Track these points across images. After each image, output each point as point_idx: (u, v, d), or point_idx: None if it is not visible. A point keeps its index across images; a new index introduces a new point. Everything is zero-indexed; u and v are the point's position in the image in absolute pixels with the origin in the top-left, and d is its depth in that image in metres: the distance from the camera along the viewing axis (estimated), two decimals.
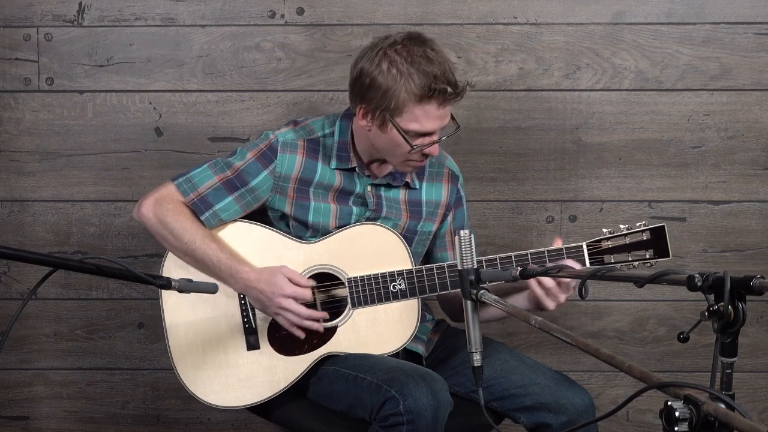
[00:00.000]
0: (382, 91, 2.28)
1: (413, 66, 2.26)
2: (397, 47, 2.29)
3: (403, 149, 2.34)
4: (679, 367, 3.10)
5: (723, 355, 1.31)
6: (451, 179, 2.58)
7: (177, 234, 2.39)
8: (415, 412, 2.18)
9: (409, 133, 2.31)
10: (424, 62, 2.26)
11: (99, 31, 2.97)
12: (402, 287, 2.41)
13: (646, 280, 1.44)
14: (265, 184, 2.43)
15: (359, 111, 2.35)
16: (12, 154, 3.02)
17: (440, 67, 2.26)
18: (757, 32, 2.96)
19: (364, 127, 2.37)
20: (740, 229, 3.05)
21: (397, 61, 2.27)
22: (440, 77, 2.26)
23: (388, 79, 2.27)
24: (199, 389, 2.44)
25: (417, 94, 2.26)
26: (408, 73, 2.26)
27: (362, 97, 2.33)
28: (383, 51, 2.30)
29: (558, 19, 2.96)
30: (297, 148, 2.44)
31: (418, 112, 2.29)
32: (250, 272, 2.37)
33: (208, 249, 2.38)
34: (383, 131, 2.33)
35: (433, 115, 2.30)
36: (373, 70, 2.30)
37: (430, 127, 2.31)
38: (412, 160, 2.37)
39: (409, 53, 2.28)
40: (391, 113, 2.29)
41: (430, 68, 2.26)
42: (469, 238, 1.79)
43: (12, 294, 3.08)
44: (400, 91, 2.27)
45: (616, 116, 3.00)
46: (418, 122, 2.30)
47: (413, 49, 2.28)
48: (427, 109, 2.28)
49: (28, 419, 3.15)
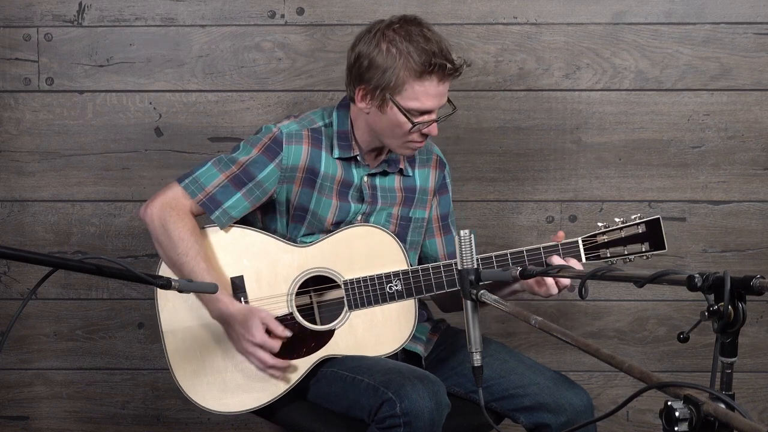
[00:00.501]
0: (382, 70, 2.31)
1: (412, 44, 2.29)
2: (394, 27, 2.33)
3: (403, 128, 2.34)
4: (679, 367, 3.10)
5: (723, 355, 1.31)
6: (438, 166, 2.59)
7: (173, 243, 2.37)
8: (412, 414, 2.18)
9: (409, 111, 2.32)
10: (422, 40, 2.30)
11: (99, 31, 2.97)
12: (398, 288, 2.41)
13: (646, 280, 1.44)
14: (272, 176, 2.42)
15: (358, 93, 2.36)
16: (12, 154, 3.02)
17: (438, 45, 2.31)
18: (757, 32, 2.96)
19: (363, 110, 2.38)
20: (740, 229, 3.05)
21: (396, 40, 2.31)
22: (438, 53, 2.29)
23: (387, 59, 2.30)
24: (198, 395, 2.42)
25: (417, 71, 2.29)
26: (407, 51, 2.29)
27: (361, 79, 2.35)
28: (381, 32, 2.33)
29: (558, 19, 2.96)
30: (302, 138, 2.43)
31: (418, 89, 2.30)
32: (230, 306, 2.36)
33: (197, 267, 2.35)
34: (383, 111, 2.34)
35: (432, 93, 2.32)
36: (372, 50, 2.33)
37: (430, 105, 2.33)
38: (412, 141, 2.38)
39: (407, 33, 2.32)
40: (391, 92, 2.31)
41: (428, 45, 2.29)
42: (469, 238, 1.79)
43: (12, 294, 3.08)
44: (399, 68, 2.29)
45: (616, 116, 3.00)
46: (418, 100, 2.31)
47: (410, 29, 2.32)
48: (427, 86, 2.30)
49: (28, 419, 3.15)
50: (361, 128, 2.43)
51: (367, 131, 2.42)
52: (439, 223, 2.60)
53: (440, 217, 2.60)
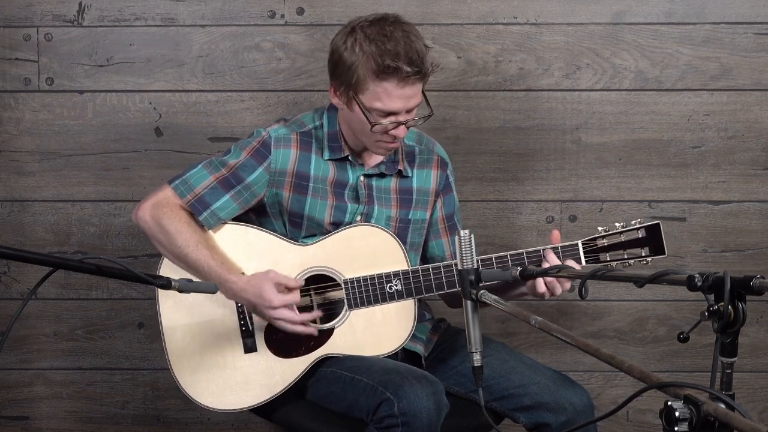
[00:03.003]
0: (346, 67, 2.31)
1: (373, 44, 2.28)
2: (364, 25, 2.33)
3: (366, 128, 2.34)
4: (679, 367, 3.10)
5: (723, 355, 1.31)
6: (440, 165, 2.58)
7: (172, 238, 2.39)
8: (410, 414, 2.18)
9: (372, 111, 2.31)
10: (385, 40, 2.28)
11: (99, 31, 2.97)
12: (398, 288, 2.41)
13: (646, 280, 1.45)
14: (261, 180, 2.43)
15: (331, 88, 2.38)
16: (12, 154, 3.02)
17: (401, 46, 2.27)
18: (757, 32, 2.96)
19: (338, 105, 2.39)
20: (740, 229, 3.05)
21: (360, 38, 2.30)
22: (397, 55, 2.26)
23: (351, 56, 2.31)
24: (196, 392, 2.43)
25: (373, 71, 2.28)
26: (369, 51, 2.28)
27: (332, 74, 2.37)
28: (352, 28, 2.34)
29: (558, 19, 2.96)
30: (290, 141, 2.44)
31: (379, 89, 2.30)
32: (238, 282, 2.36)
33: (201, 255, 2.37)
34: (350, 109, 2.35)
35: (394, 95, 2.30)
36: (341, 46, 2.34)
37: (393, 107, 2.31)
38: (382, 141, 2.37)
39: (375, 32, 2.30)
40: (354, 90, 2.32)
41: (389, 46, 2.27)
42: (469, 238, 1.79)
43: (12, 294, 3.08)
44: (359, 67, 2.29)
45: (616, 116, 3.00)
46: (380, 101, 2.30)
47: (381, 28, 2.31)
48: (387, 87, 2.29)
49: (28, 419, 3.15)
50: (345, 127, 2.44)
51: (349, 129, 2.43)
52: (445, 224, 2.60)
53: (445, 217, 2.60)
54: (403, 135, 2.37)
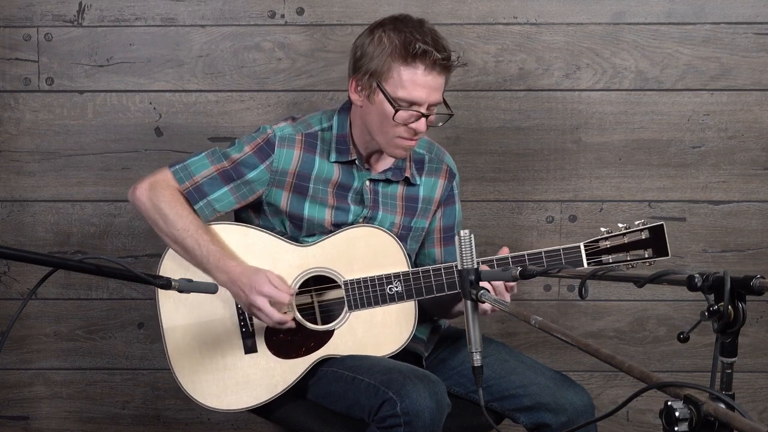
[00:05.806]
0: (370, 56, 2.32)
1: (401, 34, 2.31)
2: (387, 21, 2.36)
3: (389, 120, 2.32)
4: (679, 367, 3.10)
5: (723, 355, 1.31)
6: (448, 176, 2.58)
7: (171, 220, 2.38)
8: (412, 413, 2.18)
9: (396, 100, 2.31)
10: (413, 30, 2.32)
11: (99, 31, 2.97)
12: (399, 289, 2.40)
13: (646, 280, 1.44)
14: (261, 177, 2.43)
15: (352, 85, 2.38)
16: (12, 154, 3.02)
17: (429, 37, 2.31)
18: (757, 32, 2.96)
19: (356, 103, 2.38)
20: (740, 229, 3.05)
21: (388, 29, 2.33)
22: (426, 41, 2.29)
23: (377, 46, 2.32)
24: (197, 392, 2.43)
25: (401, 55, 2.29)
26: (396, 39, 2.31)
27: (354, 69, 2.37)
28: (377, 25, 2.37)
29: (558, 19, 2.96)
30: (294, 142, 2.43)
31: (405, 75, 2.29)
32: (237, 267, 2.35)
33: (200, 239, 2.37)
34: (371, 101, 2.34)
35: (419, 82, 2.30)
36: (365, 41, 2.35)
37: (417, 96, 2.31)
38: (400, 137, 2.36)
39: (399, 25, 2.33)
40: (378, 78, 2.31)
41: (417, 35, 2.30)
42: (469, 238, 1.79)
43: (12, 294, 3.08)
44: (386, 53, 2.30)
45: (616, 116, 3.00)
46: (405, 88, 2.30)
47: (405, 22, 2.35)
48: (413, 73, 2.29)
49: (28, 419, 3.15)
50: (359, 128, 2.43)
51: (363, 130, 2.42)
52: (441, 234, 2.59)
53: (443, 228, 2.59)
54: (423, 131, 2.35)
